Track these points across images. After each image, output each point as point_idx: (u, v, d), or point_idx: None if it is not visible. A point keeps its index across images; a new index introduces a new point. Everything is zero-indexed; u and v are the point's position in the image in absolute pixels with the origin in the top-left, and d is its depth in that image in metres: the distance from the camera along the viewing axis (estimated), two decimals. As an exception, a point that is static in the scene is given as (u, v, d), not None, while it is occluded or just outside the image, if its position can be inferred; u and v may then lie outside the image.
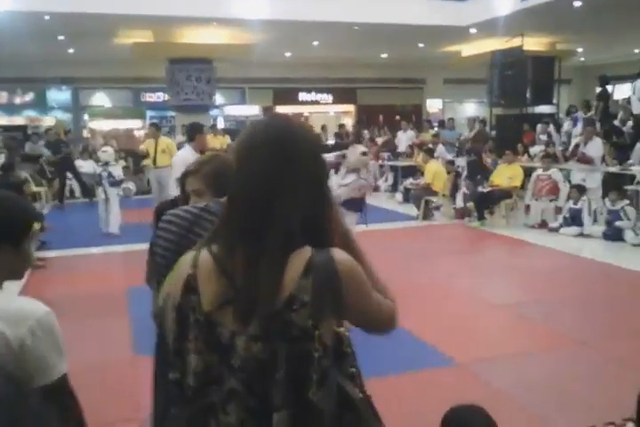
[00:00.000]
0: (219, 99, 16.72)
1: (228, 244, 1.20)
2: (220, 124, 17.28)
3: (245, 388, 1.15)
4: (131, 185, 9.92)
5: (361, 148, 6.18)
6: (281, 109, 19.57)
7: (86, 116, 17.95)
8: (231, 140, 14.45)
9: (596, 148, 9.06)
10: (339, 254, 1.17)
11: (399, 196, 11.81)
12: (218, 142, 13.42)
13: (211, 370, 1.17)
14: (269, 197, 1.17)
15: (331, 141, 16.07)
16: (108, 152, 8.92)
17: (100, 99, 17.98)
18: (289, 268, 1.14)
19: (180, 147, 8.52)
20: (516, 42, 12.85)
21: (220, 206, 1.53)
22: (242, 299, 1.14)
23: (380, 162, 13.88)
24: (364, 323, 1.25)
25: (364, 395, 1.29)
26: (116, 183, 8.69)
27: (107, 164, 8.65)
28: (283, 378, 1.12)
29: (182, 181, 2.00)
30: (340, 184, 5.92)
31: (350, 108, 20.38)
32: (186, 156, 5.26)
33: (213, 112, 16.26)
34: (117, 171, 8.84)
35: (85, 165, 11.60)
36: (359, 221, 5.89)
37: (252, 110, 18.54)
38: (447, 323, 5.04)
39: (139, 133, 17.33)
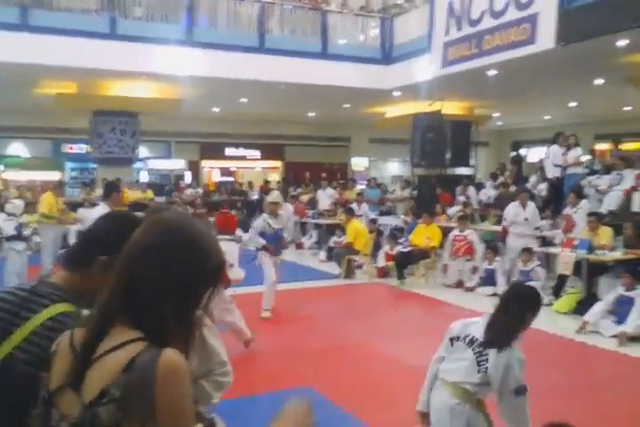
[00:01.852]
0: (144, 152, 16.50)
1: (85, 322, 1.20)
2: (144, 178, 16.99)
3: None
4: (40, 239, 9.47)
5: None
6: (208, 164, 19.55)
7: (1, 167, 17.22)
8: (154, 195, 14.23)
9: (533, 213, 8.99)
10: (168, 356, 1.11)
11: (323, 254, 11.81)
12: (140, 197, 13.15)
13: None
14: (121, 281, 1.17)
15: (256, 197, 16.10)
16: (15, 204, 8.54)
17: (17, 148, 17.31)
18: (113, 359, 1.11)
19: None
20: (437, 106, 13.44)
21: (49, 289, 1.46)
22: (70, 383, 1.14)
23: (305, 219, 13.93)
24: None
25: None
26: (16, 237, 8.22)
27: (13, 216, 8.24)
28: None
29: None
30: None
31: (278, 164, 20.56)
32: (101, 213, 5.11)
33: (137, 165, 15.97)
34: (22, 225, 8.43)
35: (-5, 218, 10.99)
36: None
37: (177, 164, 18.37)
38: (364, 387, 5.00)
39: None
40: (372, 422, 4.22)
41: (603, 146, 15.64)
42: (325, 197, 14.16)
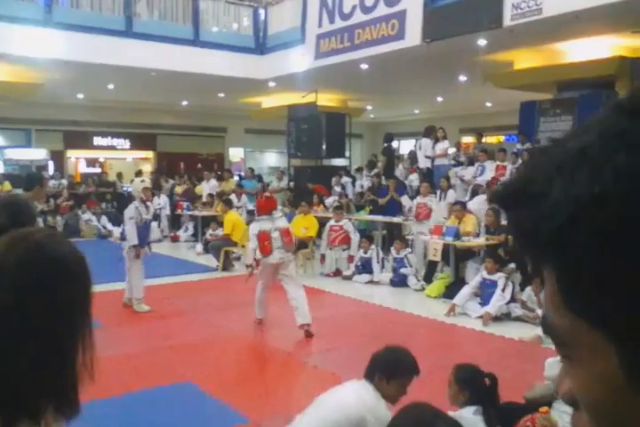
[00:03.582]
0: (-1, 140, 15.22)
1: None
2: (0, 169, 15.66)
3: None
4: None
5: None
6: (73, 154, 18.38)
7: None
8: (12, 187, 13.14)
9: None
10: None
11: (199, 247, 11.53)
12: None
13: None
14: None
15: (126, 188, 15.40)
16: None
17: None
18: None
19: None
20: (311, 97, 13.55)
21: None
22: None
23: (180, 211, 13.54)
24: None
25: None
26: None
27: None
28: None
29: None
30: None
31: (150, 154, 19.78)
32: None
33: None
34: None
35: None
36: None
37: (38, 154, 17.06)
38: (244, 378, 4.98)
39: None
40: (250, 412, 4.20)
41: (467, 139, 16.62)
42: (209, 188, 13.85)
